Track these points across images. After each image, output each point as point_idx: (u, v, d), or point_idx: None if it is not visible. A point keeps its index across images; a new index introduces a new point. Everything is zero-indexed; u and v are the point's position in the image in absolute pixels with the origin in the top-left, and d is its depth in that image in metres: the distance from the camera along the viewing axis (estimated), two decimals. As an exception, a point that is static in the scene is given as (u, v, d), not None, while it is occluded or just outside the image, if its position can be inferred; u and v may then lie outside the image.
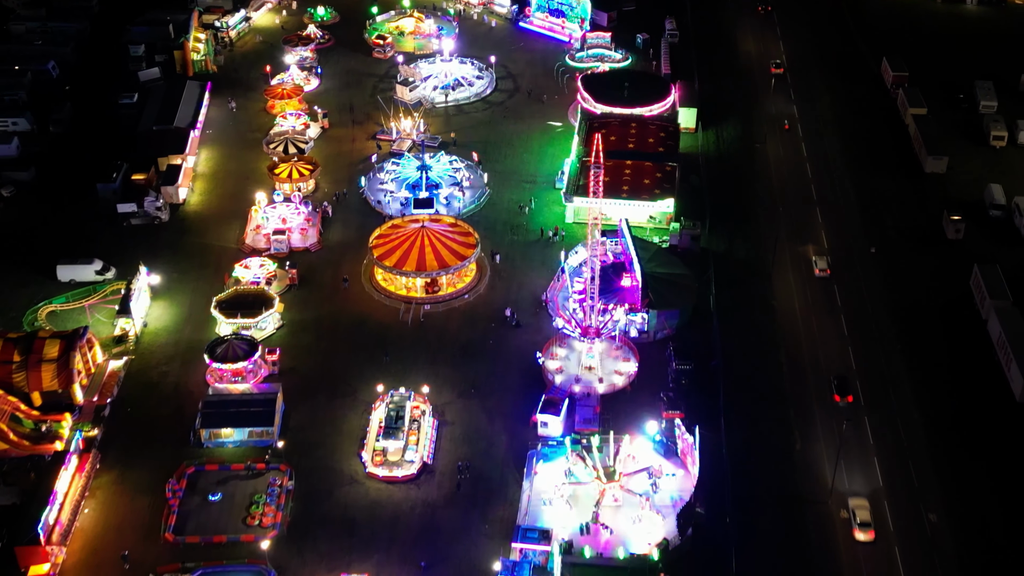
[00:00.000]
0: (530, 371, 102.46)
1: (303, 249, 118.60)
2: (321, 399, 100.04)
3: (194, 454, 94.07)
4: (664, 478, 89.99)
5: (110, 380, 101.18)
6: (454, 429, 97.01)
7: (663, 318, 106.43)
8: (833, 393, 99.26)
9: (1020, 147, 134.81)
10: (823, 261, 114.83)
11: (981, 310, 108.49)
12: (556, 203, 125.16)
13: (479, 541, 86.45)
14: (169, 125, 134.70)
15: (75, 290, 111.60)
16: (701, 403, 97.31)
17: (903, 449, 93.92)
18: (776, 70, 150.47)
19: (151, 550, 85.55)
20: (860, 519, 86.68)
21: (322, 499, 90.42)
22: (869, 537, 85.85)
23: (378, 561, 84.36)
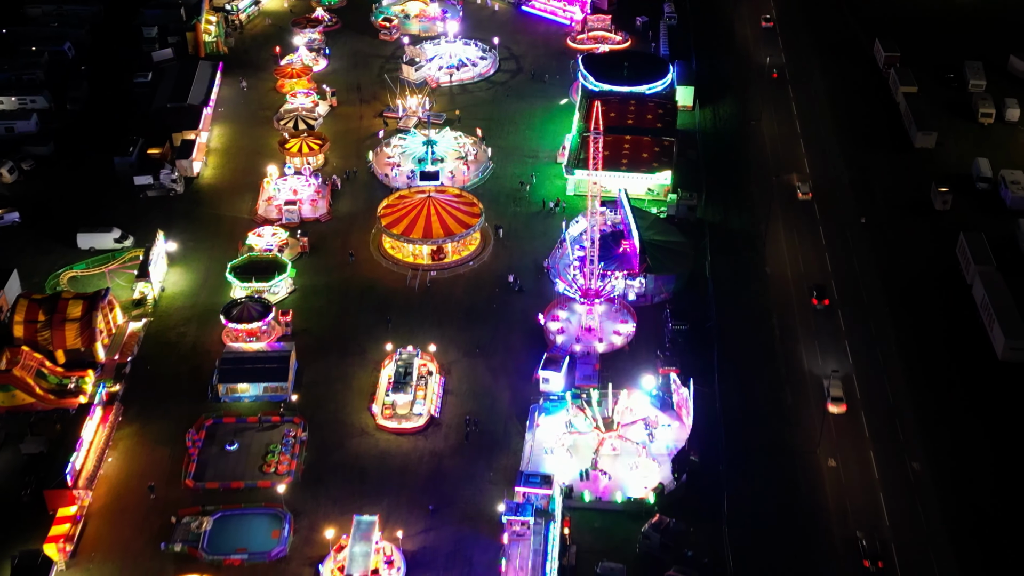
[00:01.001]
0: (532, 332, 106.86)
1: (313, 219, 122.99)
2: (332, 358, 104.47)
3: (212, 408, 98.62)
4: (660, 429, 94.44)
5: (130, 340, 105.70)
6: (460, 385, 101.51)
7: (660, 282, 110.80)
8: (811, 298, 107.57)
9: (1007, 124, 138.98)
10: (805, 186, 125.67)
11: (966, 275, 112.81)
12: (558, 177, 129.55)
13: (484, 487, 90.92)
14: (183, 102, 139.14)
15: (95, 257, 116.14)
16: (696, 362, 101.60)
17: (890, 406, 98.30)
18: (768, 24, 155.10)
19: (172, 495, 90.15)
20: (833, 394, 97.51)
21: (334, 449, 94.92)
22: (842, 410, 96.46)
23: (388, 505, 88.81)
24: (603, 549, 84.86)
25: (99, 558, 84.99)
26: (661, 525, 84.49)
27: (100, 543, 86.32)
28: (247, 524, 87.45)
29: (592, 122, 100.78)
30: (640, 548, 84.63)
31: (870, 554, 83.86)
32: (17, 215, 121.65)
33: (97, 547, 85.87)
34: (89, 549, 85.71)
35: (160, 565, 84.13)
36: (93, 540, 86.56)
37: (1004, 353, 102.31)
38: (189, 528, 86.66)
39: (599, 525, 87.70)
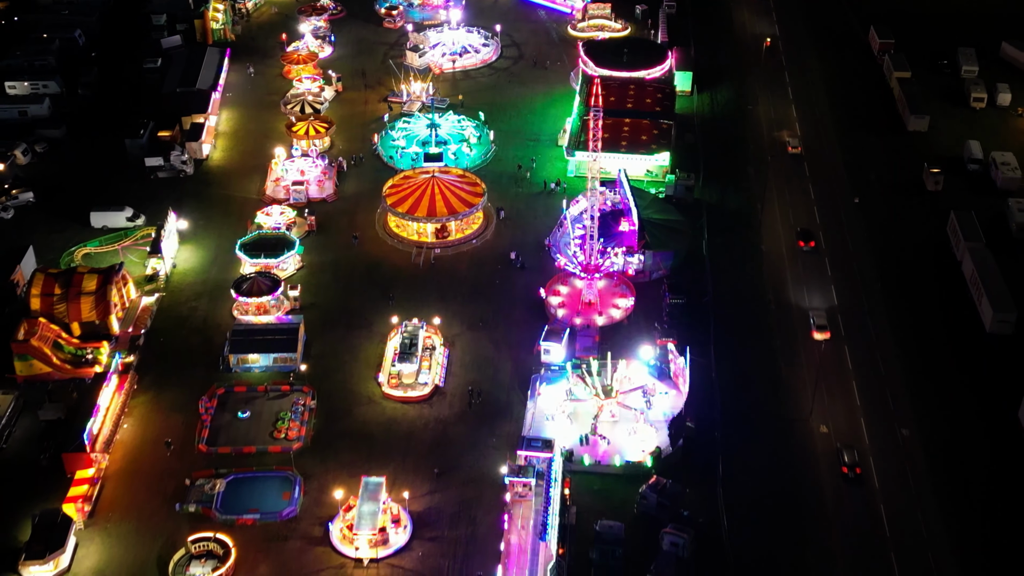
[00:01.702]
0: (534, 307, 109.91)
1: (320, 200, 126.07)
2: (340, 331, 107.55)
3: (223, 378, 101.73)
4: (657, 396, 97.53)
5: (143, 314, 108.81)
6: (464, 356, 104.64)
7: (658, 259, 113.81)
8: (797, 240, 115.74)
9: (999, 108, 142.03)
10: (795, 140, 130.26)
11: (956, 252, 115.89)
12: (559, 160, 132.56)
13: (487, 452, 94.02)
14: (192, 87, 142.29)
15: (108, 235, 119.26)
16: (692, 334, 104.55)
17: (880, 375, 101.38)
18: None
19: (186, 459, 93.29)
20: (818, 322, 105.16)
21: (342, 417, 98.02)
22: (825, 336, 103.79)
23: (395, 468, 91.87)
24: (602, 509, 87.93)
25: (116, 518, 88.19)
26: (658, 486, 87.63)
27: (117, 504, 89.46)
28: (259, 486, 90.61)
29: (592, 98, 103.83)
30: (638, 508, 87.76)
31: (850, 464, 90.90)
32: (32, 195, 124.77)
33: (114, 508, 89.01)
34: (106, 510, 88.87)
35: (175, 525, 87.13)
36: (110, 501, 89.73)
37: (992, 326, 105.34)
38: (203, 490, 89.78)
39: (598, 487, 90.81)
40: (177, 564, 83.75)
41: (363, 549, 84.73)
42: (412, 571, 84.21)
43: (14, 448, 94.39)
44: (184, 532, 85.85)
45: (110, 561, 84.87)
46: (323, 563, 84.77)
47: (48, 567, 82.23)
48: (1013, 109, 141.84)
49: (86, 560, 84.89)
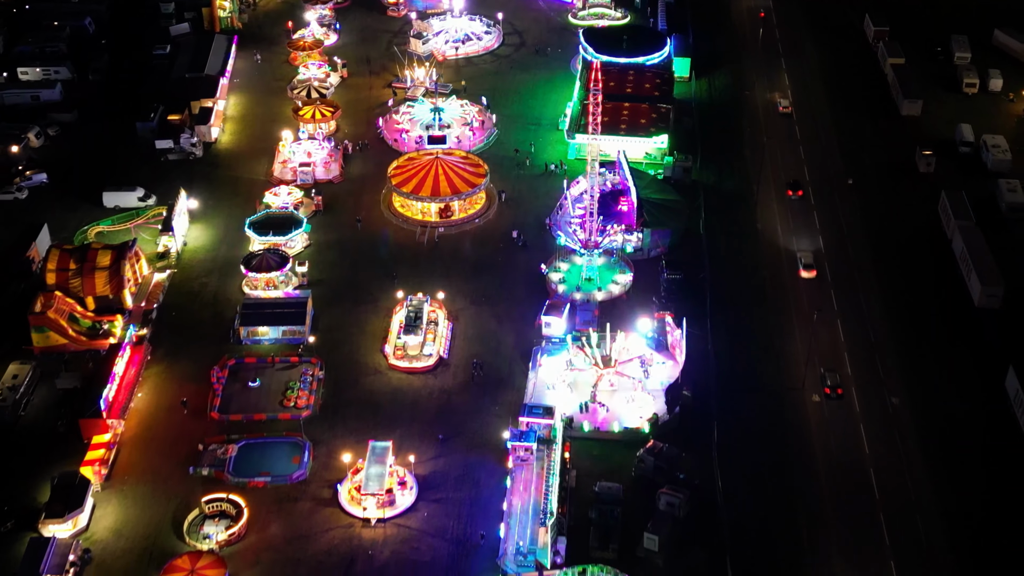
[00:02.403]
0: (535, 283, 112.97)
1: (327, 181, 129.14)
2: (346, 305, 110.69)
3: (234, 349, 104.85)
4: (655, 366, 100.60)
5: (155, 289, 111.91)
6: (467, 330, 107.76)
7: (656, 236, 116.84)
8: (786, 190, 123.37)
9: (990, 94, 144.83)
10: (786, 100, 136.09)
11: (947, 230, 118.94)
12: (560, 142, 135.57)
13: (490, 419, 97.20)
14: (200, 73, 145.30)
15: (120, 214, 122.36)
16: (689, 308, 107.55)
17: (871, 345, 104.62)
18: None
19: (199, 425, 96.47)
20: (804, 261, 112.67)
21: (350, 386, 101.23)
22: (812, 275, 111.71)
23: (401, 434, 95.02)
24: (601, 473, 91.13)
25: (132, 481, 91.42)
26: (655, 449, 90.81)
27: (132, 468, 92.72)
28: (269, 451, 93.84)
29: (592, 81, 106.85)
30: (635, 471, 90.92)
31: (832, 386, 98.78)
32: (45, 176, 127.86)
33: (129, 471, 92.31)
34: (122, 473, 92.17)
35: (189, 487, 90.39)
36: (126, 465, 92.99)
37: (980, 300, 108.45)
38: (215, 454, 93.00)
39: (597, 453, 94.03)
40: (191, 524, 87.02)
41: (371, 510, 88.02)
42: (418, 530, 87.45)
43: (32, 415, 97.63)
44: (198, 494, 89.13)
45: (126, 521, 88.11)
46: (332, 523, 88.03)
47: (67, 525, 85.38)
48: (1004, 94, 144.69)
49: (103, 520, 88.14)
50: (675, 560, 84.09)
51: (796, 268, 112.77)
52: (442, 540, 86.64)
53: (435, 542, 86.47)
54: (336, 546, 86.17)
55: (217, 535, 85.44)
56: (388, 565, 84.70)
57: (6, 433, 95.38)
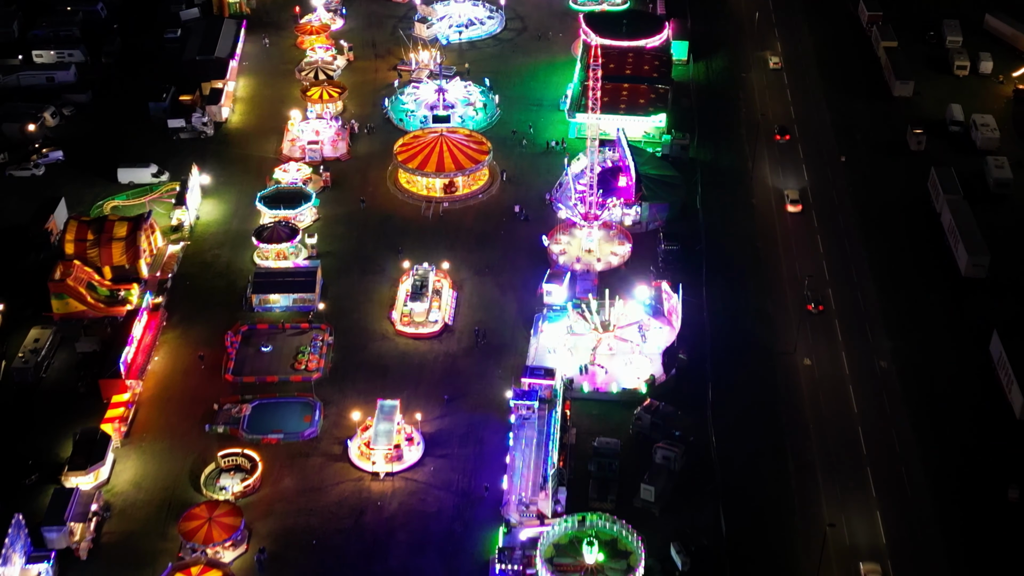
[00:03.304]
0: (537, 255, 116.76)
1: (334, 159, 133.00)
2: (354, 276, 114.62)
3: (246, 316, 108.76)
4: (652, 331, 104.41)
5: (170, 260, 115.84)
6: (471, 298, 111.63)
7: (654, 210, 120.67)
8: (774, 134, 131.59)
9: (981, 76, 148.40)
10: (777, 57, 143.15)
11: (936, 205, 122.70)
12: (561, 122, 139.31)
13: (493, 381, 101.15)
14: (210, 55, 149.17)
15: (134, 189, 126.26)
16: (686, 278, 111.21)
17: (860, 311, 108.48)
18: None
19: (214, 387, 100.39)
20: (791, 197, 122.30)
21: (358, 351, 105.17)
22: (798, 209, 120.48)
23: (408, 395, 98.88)
24: (600, 431, 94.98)
25: (150, 438, 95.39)
26: (652, 407, 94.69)
27: (150, 426, 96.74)
28: (282, 410, 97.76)
29: (592, 58, 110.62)
30: (633, 429, 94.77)
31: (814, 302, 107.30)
32: (61, 153, 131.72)
33: (148, 429, 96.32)
34: (140, 431, 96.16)
35: (205, 444, 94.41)
36: (144, 424, 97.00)
37: (967, 269, 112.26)
38: (230, 413, 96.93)
39: (596, 412, 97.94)
40: (208, 477, 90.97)
41: (379, 464, 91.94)
42: (424, 483, 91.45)
43: (53, 377, 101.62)
44: (214, 450, 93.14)
45: (146, 475, 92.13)
46: (342, 476, 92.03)
47: (89, 478, 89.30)
48: (994, 77, 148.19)
49: (123, 474, 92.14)
50: (670, 510, 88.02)
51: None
52: (448, 492, 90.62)
53: (441, 494, 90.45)
54: (346, 498, 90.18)
55: (233, 487, 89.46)
56: (396, 515, 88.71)
57: (28, 393, 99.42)
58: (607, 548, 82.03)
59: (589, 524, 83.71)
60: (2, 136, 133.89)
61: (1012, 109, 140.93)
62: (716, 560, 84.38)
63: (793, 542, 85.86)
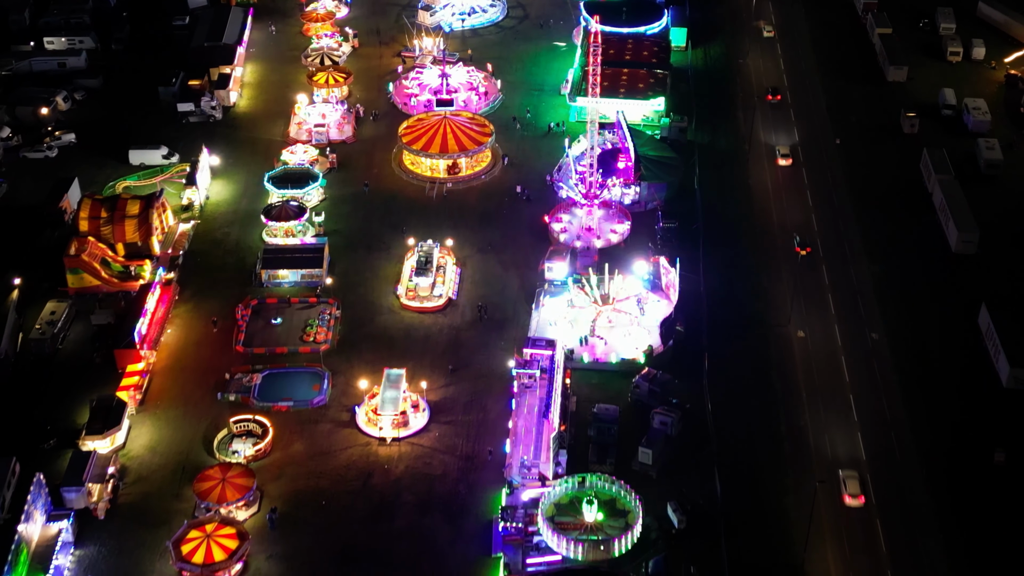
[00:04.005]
0: (538, 233, 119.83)
1: (340, 141, 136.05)
2: (360, 253, 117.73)
3: (256, 291, 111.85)
4: (650, 304, 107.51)
5: (181, 238, 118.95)
6: (474, 274, 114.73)
7: (653, 190, 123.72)
8: (765, 95, 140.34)
9: (973, 62, 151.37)
10: (770, 27, 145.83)
11: (928, 185, 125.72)
12: (561, 106, 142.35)
13: (496, 353, 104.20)
14: (218, 42, 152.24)
15: (145, 170, 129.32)
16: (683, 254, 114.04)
17: (852, 286, 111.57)
18: None
19: (225, 358, 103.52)
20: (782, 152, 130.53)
21: (365, 324, 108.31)
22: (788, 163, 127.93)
23: (413, 366, 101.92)
24: (599, 399, 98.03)
25: (164, 405, 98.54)
26: (650, 375, 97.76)
27: (164, 394, 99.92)
28: (291, 379, 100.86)
29: (591, 40, 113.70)
30: (631, 397, 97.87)
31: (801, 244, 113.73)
32: (73, 136, 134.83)
33: (162, 397, 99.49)
34: (155, 399, 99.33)
35: (218, 411, 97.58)
36: (158, 392, 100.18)
37: (957, 246, 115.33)
38: (241, 382, 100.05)
39: (596, 381, 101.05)
40: (221, 441, 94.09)
41: (386, 430, 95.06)
42: (429, 448, 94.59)
43: (69, 348, 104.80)
44: (226, 416, 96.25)
45: (160, 440, 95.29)
46: (351, 442, 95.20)
47: (106, 442, 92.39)
48: (987, 63, 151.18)
49: (139, 439, 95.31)
50: (667, 472, 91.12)
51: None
52: (452, 456, 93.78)
53: (446, 458, 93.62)
54: (355, 462, 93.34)
55: (245, 451, 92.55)
56: (403, 478, 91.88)
57: (45, 363, 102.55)
58: (606, 507, 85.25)
59: (589, 485, 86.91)
60: (16, 119, 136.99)
61: (1004, 94, 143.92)
62: (711, 518, 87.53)
63: (784, 500, 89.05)
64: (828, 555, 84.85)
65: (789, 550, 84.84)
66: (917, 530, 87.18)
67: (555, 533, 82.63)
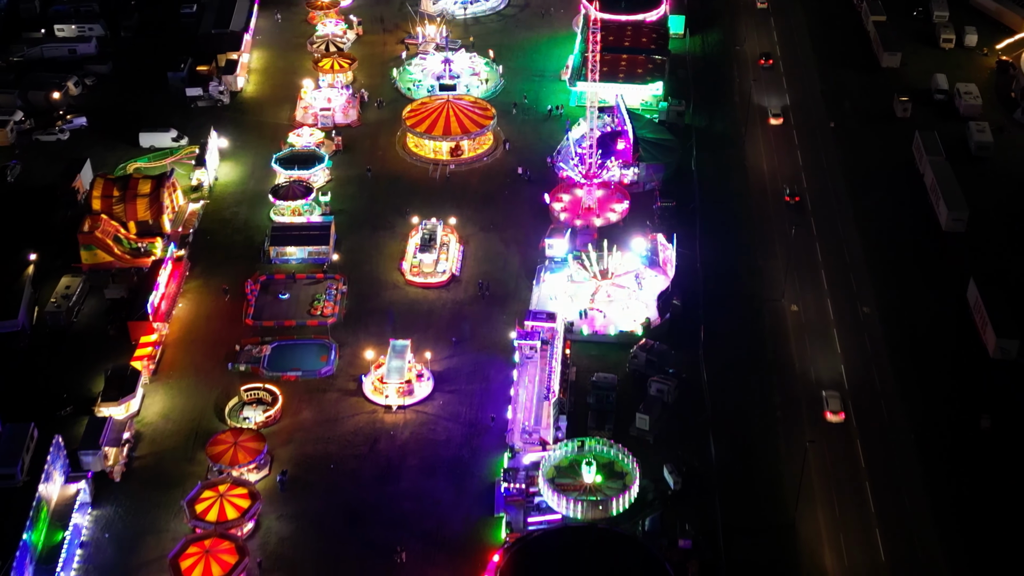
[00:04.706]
0: (539, 213, 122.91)
1: (345, 125, 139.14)
2: (366, 231, 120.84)
3: (264, 268, 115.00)
4: (648, 279, 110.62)
5: (191, 217, 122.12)
6: (477, 252, 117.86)
7: (651, 171, 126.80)
8: (759, 59, 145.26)
9: (966, 49, 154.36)
10: (777, 110, 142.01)
11: (920, 166, 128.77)
12: (561, 91, 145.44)
13: (498, 326, 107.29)
14: (225, 29, 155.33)
15: (155, 152, 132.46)
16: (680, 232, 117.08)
17: (845, 264, 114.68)
18: None
19: (235, 330, 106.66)
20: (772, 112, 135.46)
21: (371, 299, 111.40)
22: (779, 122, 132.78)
23: (418, 338, 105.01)
24: (598, 369, 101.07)
25: (176, 375, 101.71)
26: (647, 346, 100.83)
27: (176, 365, 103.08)
28: (299, 351, 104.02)
29: (591, 22, 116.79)
30: (630, 367, 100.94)
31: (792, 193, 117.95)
32: (84, 119, 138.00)
33: (174, 368, 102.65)
34: (167, 369, 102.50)
35: (229, 380, 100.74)
36: (170, 363, 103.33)
37: (947, 224, 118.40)
38: (251, 353, 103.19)
39: (595, 353, 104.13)
40: (232, 409, 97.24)
41: (392, 398, 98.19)
42: (433, 415, 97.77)
43: (84, 322, 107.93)
44: (236, 386, 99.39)
45: (173, 408, 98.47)
46: (357, 409, 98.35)
47: (121, 408, 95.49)
48: (979, 50, 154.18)
49: (153, 407, 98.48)
50: (663, 437, 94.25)
51: (780, 196, 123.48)
52: (456, 423, 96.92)
53: (450, 425, 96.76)
54: (361, 428, 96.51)
55: (255, 417, 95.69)
56: (408, 443, 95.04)
57: (61, 336, 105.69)
58: (604, 470, 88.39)
59: (588, 448, 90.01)
60: (28, 104, 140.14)
61: (995, 79, 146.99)
62: (705, 480, 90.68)
63: (776, 463, 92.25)
64: (819, 514, 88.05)
65: (780, 509, 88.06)
66: (904, 490, 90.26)
67: (555, 493, 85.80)
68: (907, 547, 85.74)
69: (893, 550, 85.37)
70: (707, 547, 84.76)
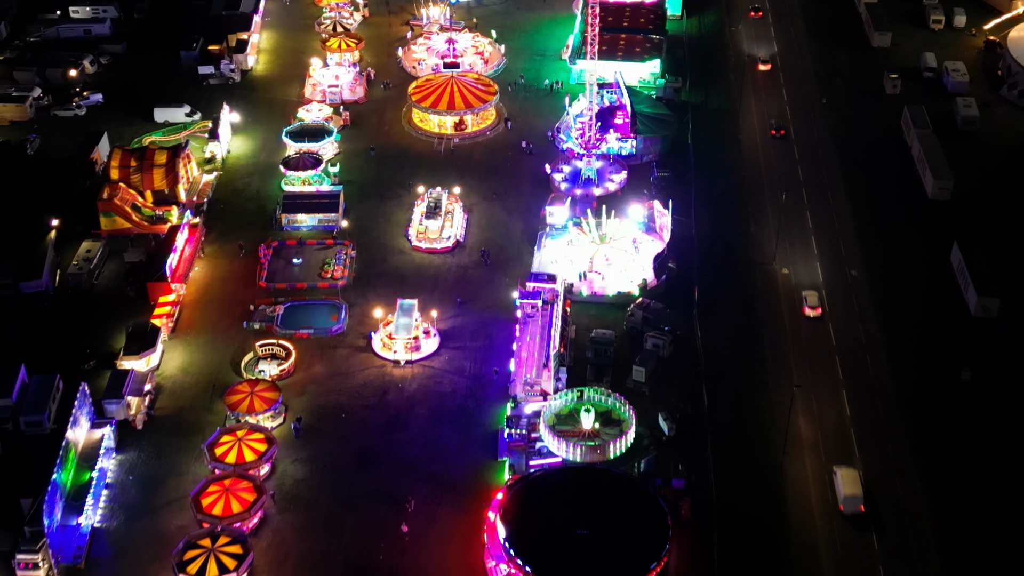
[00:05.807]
0: (540, 183, 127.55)
1: (352, 101, 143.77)
2: (373, 200, 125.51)
3: (276, 234, 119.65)
4: (645, 243, 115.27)
5: (205, 187, 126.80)
6: (480, 219, 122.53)
7: (648, 144, 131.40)
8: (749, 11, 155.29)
9: (955, 29, 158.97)
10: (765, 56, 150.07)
11: (908, 139, 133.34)
12: (562, 69, 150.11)
13: (501, 288, 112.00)
14: (236, 10, 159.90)
15: (169, 127, 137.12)
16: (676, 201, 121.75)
17: (835, 231, 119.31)
18: None
19: (249, 292, 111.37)
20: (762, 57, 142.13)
21: (378, 263, 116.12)
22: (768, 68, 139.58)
23: (423, 299, 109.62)
24: (597, 327, 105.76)
25: (194, 333, 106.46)
26: (644, 304, 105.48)
27: (194, 324, 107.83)
28: (311, 310, 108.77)
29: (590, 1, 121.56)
30: (627, 325, 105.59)
31: None
32: (100, 96, 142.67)
33: (192, 326, 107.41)
34: (185, 327, 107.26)
35: (244, 337, 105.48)
36: (188, 322, 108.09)
37: (933, 192, 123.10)
38: (265, 312, 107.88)
39: (594, 312, 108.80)
40: (248, 363, 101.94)
41: (400, 353, 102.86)
42: (439, 369, 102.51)
43: (104, 284, 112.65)
44: (252, 342, 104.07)
45: (192, 362, 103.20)
46: (367, 364, 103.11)
47: (141, 362, 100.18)
48: (968, 30, 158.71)
49: (172, 362, 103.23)
50: (659, 388, 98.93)
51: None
52: (461, 376, 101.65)
53: (455, 378, 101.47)
54: (371, 381, 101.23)
55: (270, 371, 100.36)
56: (415, 394, 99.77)
57: (82, 297, 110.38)
58: (602, 417, 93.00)
59: (587, 398, 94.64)
60: (46, 81, 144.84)
61: (982, 58, 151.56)
62: (698, 426, 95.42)
63: (765, 410, 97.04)
64: (806, 460, 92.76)
65: (769, 453, 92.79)
66: (888, 443, 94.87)
67: (556, 438, 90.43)
68: (888, 487, 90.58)
69: (876, 490, 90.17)
70: (699, 486, 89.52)
